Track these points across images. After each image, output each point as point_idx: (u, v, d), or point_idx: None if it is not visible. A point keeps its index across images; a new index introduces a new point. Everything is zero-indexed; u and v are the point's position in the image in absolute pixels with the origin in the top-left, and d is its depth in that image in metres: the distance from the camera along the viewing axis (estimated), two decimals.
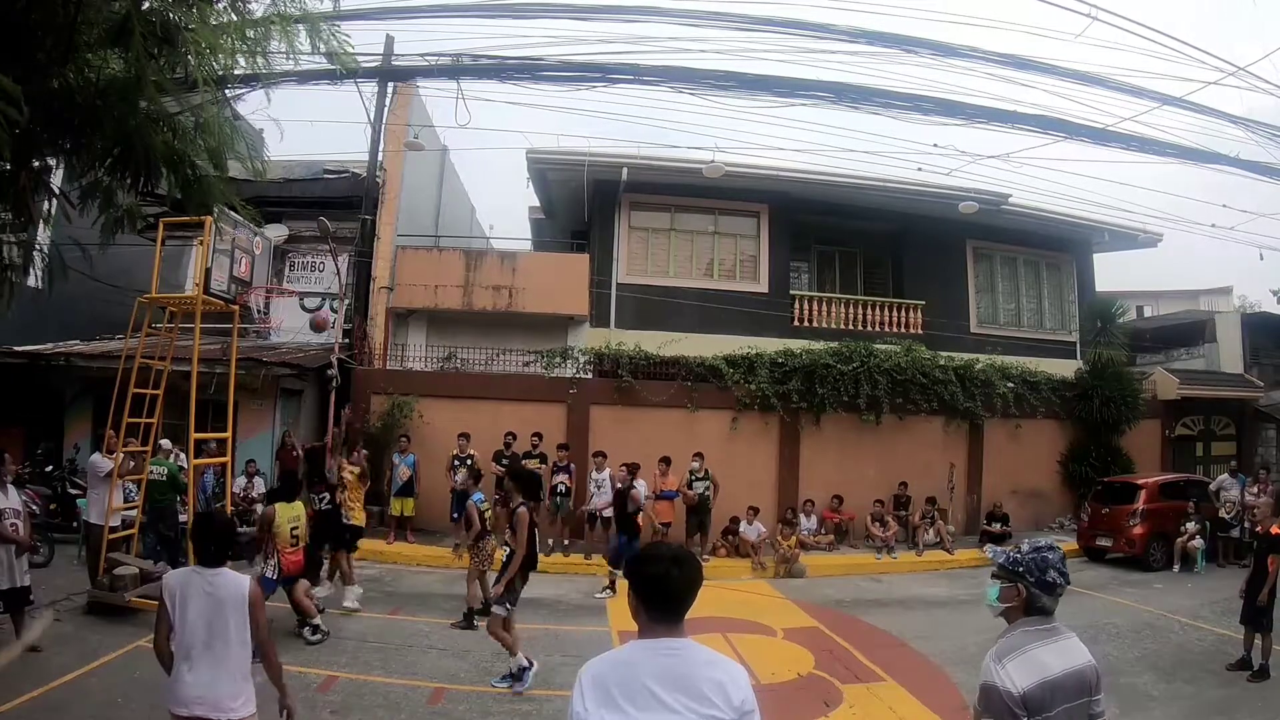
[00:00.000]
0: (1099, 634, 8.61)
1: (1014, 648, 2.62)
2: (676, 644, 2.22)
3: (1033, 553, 2.78)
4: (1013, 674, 2.52)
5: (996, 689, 2.52)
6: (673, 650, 2.19)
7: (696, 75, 13.31)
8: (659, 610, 2.25)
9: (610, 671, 2.18)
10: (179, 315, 9.70)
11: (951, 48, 13.05)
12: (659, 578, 2.25)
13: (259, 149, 8.24)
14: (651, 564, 2.30)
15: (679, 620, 2.26)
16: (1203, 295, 32.17)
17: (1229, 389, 19.18)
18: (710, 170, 15.16)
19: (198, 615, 3.66)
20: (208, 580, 3.72)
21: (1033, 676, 2.52)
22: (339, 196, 15.88)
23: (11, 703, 5.66)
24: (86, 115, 4.77)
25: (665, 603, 2.26)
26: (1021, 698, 2.48)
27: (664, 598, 2.25)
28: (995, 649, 2.66)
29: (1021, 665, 2.55)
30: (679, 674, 2.13)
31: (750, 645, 8.29)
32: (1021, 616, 2.72)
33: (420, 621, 8.66)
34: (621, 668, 2.19)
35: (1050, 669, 2.55)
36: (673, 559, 2.30)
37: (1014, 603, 2.75)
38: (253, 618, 3.72)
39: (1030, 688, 2.49)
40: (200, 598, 3.68)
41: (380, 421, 13.78)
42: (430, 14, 12.93)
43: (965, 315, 18.33)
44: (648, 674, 2.13)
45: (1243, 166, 15.19)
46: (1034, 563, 2.74)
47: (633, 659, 2.21)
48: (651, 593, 2.26)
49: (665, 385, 14.69)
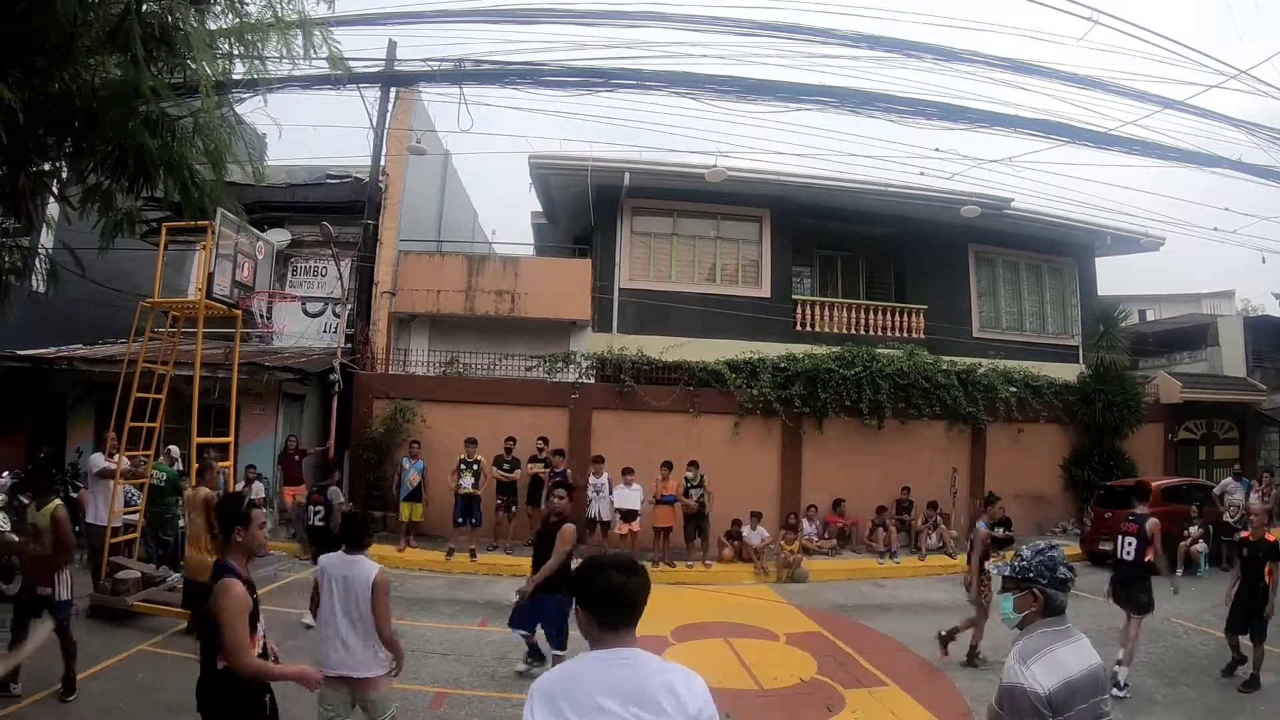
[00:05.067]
0: (1102, 638, 8.55)
1: (1037, 649, 2.65)
2: (628, 654, 2.15)
3: (1038, 555, 2.83)
4: (1038, 675, 2.55)
5: (1023, 690, 2.54)
6: (624, 661, 2.13)
7: (698, 80, 13.33)
8: (608, 620, 2.18)
9: (560, 685, 2.12)
10: (181, 320, 9.72)
11: (953, 52, 13.06)
12: (607, 586, 2.18)
13: (261, 153, 8.28)
14: (598, 573, 2.23)
15: (630, 629, 2.20)
16: (1205, 299, 32.14)
17: (1232, 392, 19.12)
18: (712, 175, 15.17)
19: (339, 592, 4.40)
20: (347, 564, 4.47)
21: (1057, 677, 2.55)
22: (341, 201, 15.90)
23: (12, 706, 5.66)
24: (85, 118, 4.78)
25: (614, 612, 2.19)
26: (1047, 698, 2.51)
27: (613, 607, 2.18)
28: (1018, 651, 2.68)
29: (1046, 666, 2.58)
30: (631, 685, 2.07)
31: (753, 650, 8.27)
32: (1040, 619, 2.76)
33: (423, 626, 8.65)
34: (571, 680, 2.13)
35: (1071, 669, 2.59)
36: (619, 566, 2.24)
37: (1032, 609, 2.78)
38: (374, 598, 4.36)
39: (1055, 688, 2.53)
40: (340, 578, 4.42)
41: (383, 426, 13.79)
42: (432, 19, 13.01)
43: (967, 319, 18.30)
44: (598, 687, 2.06)
45: (1244, 170, 15.20)
46: (1043, 564, 2.79)
47: (582, 671, 2.14)
48: (600, 603, 2.19)
49: (667, 390, 14.68)
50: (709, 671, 7.12)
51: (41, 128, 4.95)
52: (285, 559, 11.95)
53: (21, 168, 5.12)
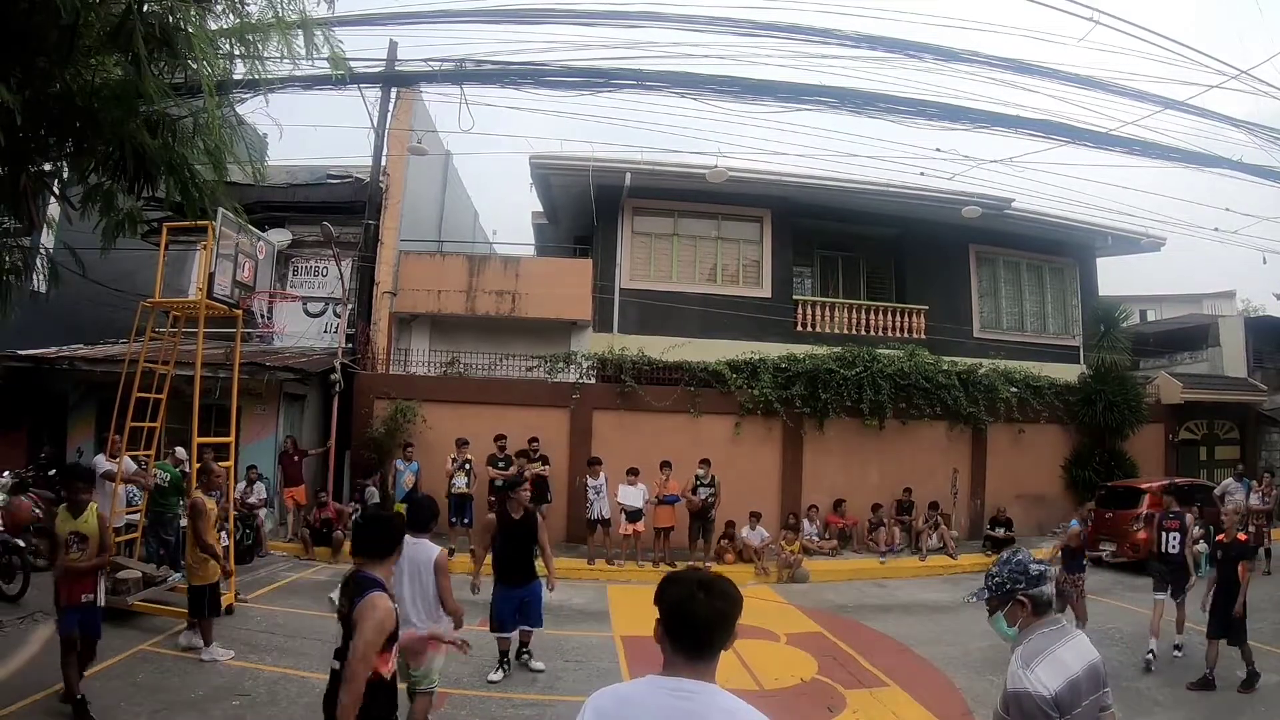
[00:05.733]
0: (1103, 639, 8.56)
1: (1038, 651, 2.65)
2: (694, 688, 1.93)
3: (1006, 565, 2.85)
4: (1043, 677, 2.55)
5: (1030, 694, 2.54)
6: (688, 694, 1.92)
7: (699, 80, 13.34)
8: (679, 643, 1.99)
9: (614, 709, 1.96)
10: (182, 320, 9.71)
11: (954, 52, 13.07)
12: (681, 603, 1.99)
13: (262, 153, 8.28)
14: (675, 586, 2.04)
15: (704, 659, 1.98)
16: (1206, 299, 32.13)
17: (1232, 393, 19.11)
18: (713, 175, 15.17)
19: (406, 570, 5.17)
20: (412, 545, 5.04)
21: (1060, 677, 2.56)
22: (342, 201, 15.91)
23: (13, 705, 5.66)
24: (86, 119, 4.77)
25: (686, 635, 1.98)
26: (1054, 699, 2.51)
27: (685, 628, 1.98)
28: (1019, 655, 2.68)
29: (1049, 667, 2.58)
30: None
31: (753, 650, 8.26)
32: (1034, 621, 2.76)
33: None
34: (626, 707, 1.96)
35: (1072, 667, 2.60)
36: (700, 583, 2.02)
37: (1024, 616, 2.78)
38: (436, 576, 5.30)
39: (1060, 688, 2.53)
40: (409, 558, 5.09)
41: (383, 426, 13.79)
42: (433, 19, 13.02)
43: (968, 320, 18.30)
44: (653, 718, 1.89)
45: (1245, 170, 15.21)
46: (1014, 571, 2.80)
47: (640, 699, 1.96)
48: (672, 621, 2.00)
49: (668, 390, 14.68)
50: None
51: (42, 128, 4.95)
52: (287, 559, 11.98)
53: (23, 168, 5.12)
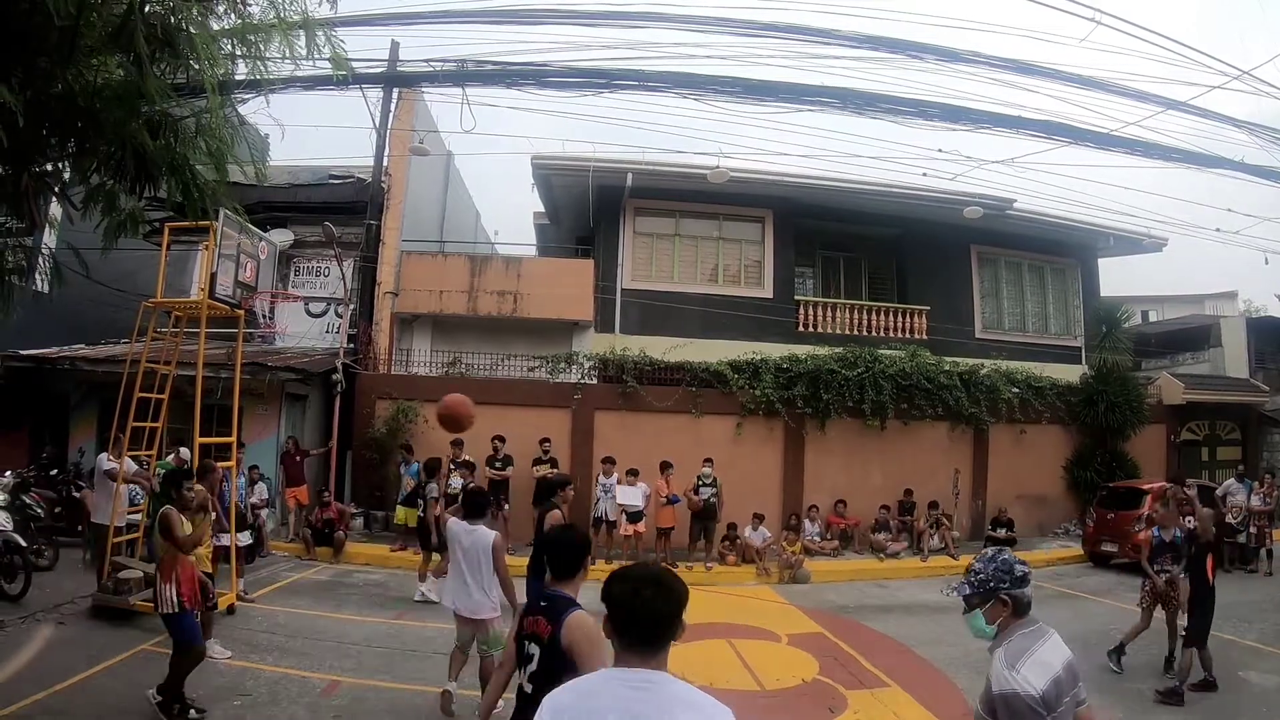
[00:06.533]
0: (1104, 640, 8.54)
1: (1021, 651, 2.67)
2: (650, 677, 1.98)
3: (991, 563, 2.86)
4: (1029, 677, 2.57)
5: (1019, 695, 2.55)
6: (644, 684, 1.97)
7: (701, 81, 13.34)
8: (628, 638, 2.05)
9: (571, 702, 2.00)
10: (184, 320, 9.72)
11: (956, 53, 13.06)
12: (626, 599, 2.06)
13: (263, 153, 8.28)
14: (620, 582, 2.11)
15: (653, 651, 2.04)
16: (1208, 300, 32.07)
17: (1234, 393, 19.11)
18: (714, 176, 15.17)
19: (462, 552, 5.65)
20: (469, 531, 5.69)
21: (1045, 676, 2.58)
22: (344, 202, 15.91)
23: (14, 705, 5.66)
24: (88, 119, 4.77)
25: (634, 630, 2.05)
26: (1041, 698, 2.53)
27: (632, 624, 2.05)
28: (1003, 657, 2.69)
29: (1033, 667, 2.60)
30: (645, 711, 1.91)
31: (754, 651, 8.26)
32: (1014, 622, 2.78)
33: (426, 627, 8.65)
34: (582, 699, 1.99)
35: (1054, 665, 2.63)
36: (646, 579, 2.09)
37: (1004, 615, 2.80)
38: (494, 558, 5.60)
39: (1046, 687, 2.55)
40: (464, 543, 5.66)
41: (385, 427, 13.80)
42: (435, 20, 13.01)
43: (970, 320, 18.31)
44: (610, 708, 1.92)
45: (1247, 170, 15.18)
46: (999, 570, 2.82)
47: (597, 690, 2.01)
48: (619, 617, 2.07)
49: (670, 390, 14.69)
50: (711, 672, 7.10)
51: (44, 128, 4.95)
52: (288, 559, 11.98)
53: (25, 168, 5.12)
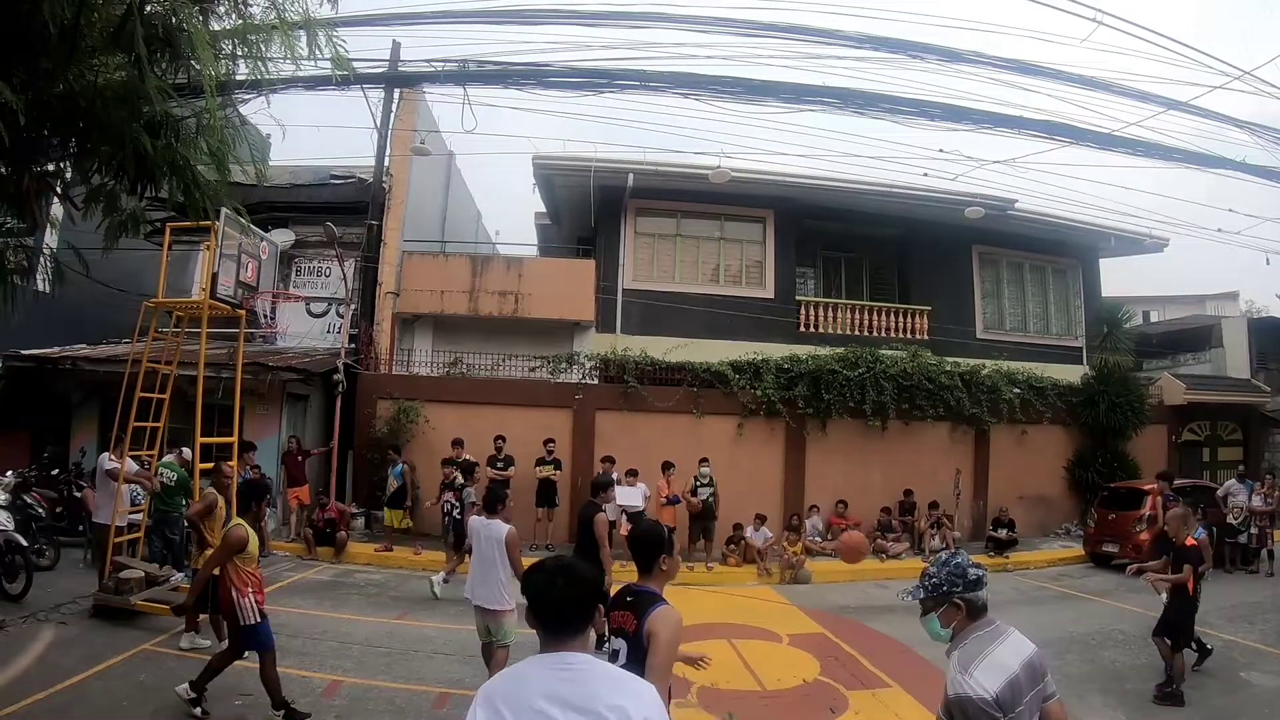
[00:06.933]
0: (1105, 640, 8.56)
1: (975, 654, 2.70)
2: (573, 659, 2.12)
3: (945, 567, 2.89)
4: (982, 680, 2.59)
5: (972, 699, 2.58)
6: (568, 666, 2.10)
7: (702, 81, 13.35)
8: (546, 625, 2.19)
9: (501, 687, 2.11)
10: (185, 320, 9.72)
11: (957, 53, 13.06)
12: (539, 589, 2.20)
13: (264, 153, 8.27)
14: (536, 574, 2.25)
15: (569, 636, 2.17)
16: (1209, 300, 32.09)
17: (1235, 394, 19.09)
18: (716, 176, 15.16)
19: (480, 546, 6.07)
20: (485, 525, 6.16)
21: (999, 678, 2.60)
22: (345, 202, 15.92)
23: (15, 705, 5.66)
24: (89, 120, 4.77)
25: (549, 616, 2.18)
26: (995, 700, 2.54)
27: (547, 611, 2.19)
28: (957, 660, 2.73)
29: (987, 670, 2.62)
30: (571, 691, 2.03)
31: (755, 651, 8.26)
32: (969, 624, 2.81)
33: (426, 627, 8.65)
34: (512, 683, 2.11)
35: (1010, 666, 2.64)
36: (557, 569, 2.24)
37: (958, 619, 2.83)
38: (508, 551, 5.95)
39: (1001, 689, 2.57)
40: (482, 536, 6.09)
41: (386, 426, 13.80)
42: (436, 20, 13.02)
43: (971, 321, 18.30)
44: (538, 691, 2.03)
45: (1249, 171, 15.18)
46: (952, 574, 2.86)
47: (525, 675, 2.12)
48: (536, 605, 2.21)
49: (671, 391, 14.68)
50: (713, 673, 7.08)
51: (46, 128, 4.95)
52: (289, 559, 11.99)
53: (26, 168, 5.13)
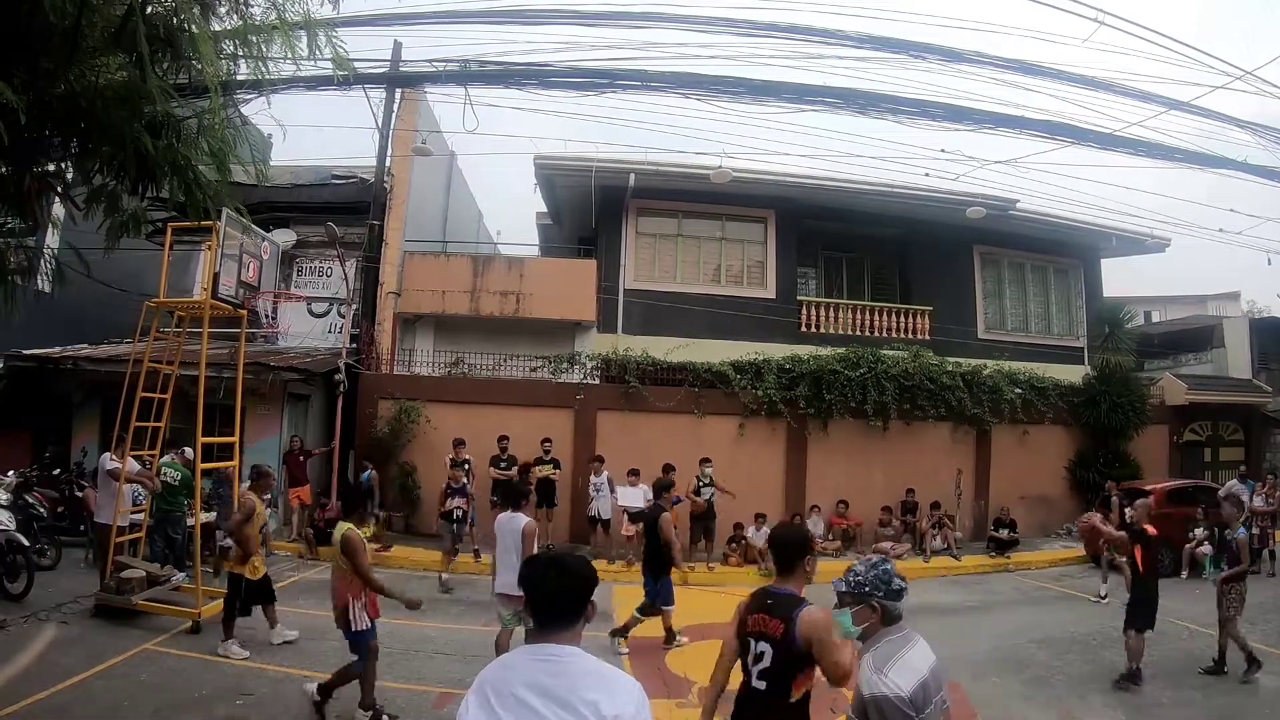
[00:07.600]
0: (1106, 641, 8.55)
1: (889, 656, 2.77)
2: (558, 651, 2.17)
3: (872, 570, 2.97)
4: (896, 680, 2.66)
5: (889, 698, 2.63)
6: (551, 657, 2.15)
7: (703, 81, 13.35)
8: (539, 616, 2.24)
9: (491, 675, 2.18)
10: (187, 320, 9.72)
11: (959, 53, 13.05)
12: (532, 581, 2.26)
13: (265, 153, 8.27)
14: (529, 566, 2.33)
15: (559, 628, 2.22)
16: (1210, 300, 32.05)
17: (1237, 394, 19.07)
18: (717, 176, 15.15)
19: (504, 538, 6.60)
20: (509, 518, 6.67)
21: (913, 678, 2.67)
22: (347, 202, 15.92)
23: (16, 705, 5.67)
24: (90, 120, 4.77)
25: (538, 608, 2.24)
26: (910, 699, 2.61)
27: (536, 603, 2.24)
28: (870, 661, 2.79)
29: (900, 671, 2.69)
30: (552, 683, 2.08)
31: None
32: (880, 628, 2.88)
33: (427, 627, 8.65)
34: (500, 671, 2.19)
35: (920, 669, 2.72)
36: (550, 563, 2.30)
37: (871, 620, 2.90)
38: (525, 542, 6.46)
39: (914, 689, 2.64)
40: (505, 530, 6.62)
41: (387, 426, 13.81)
42: (437, 20, 13.02)
43: (972, 321, 18.29)
44: (521, 680, 2.10)
45: (1250, 171, 15.16)
46: (878, 579, 2.93)
47: (513, 663, 2.21)
48: (530, 598, 2.27)
49: (672, 391, 14.68)
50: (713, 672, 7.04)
51: (47, 129, 4.95)
52: (290, 559, 12.00)
53: (27, 168, 5.13)
